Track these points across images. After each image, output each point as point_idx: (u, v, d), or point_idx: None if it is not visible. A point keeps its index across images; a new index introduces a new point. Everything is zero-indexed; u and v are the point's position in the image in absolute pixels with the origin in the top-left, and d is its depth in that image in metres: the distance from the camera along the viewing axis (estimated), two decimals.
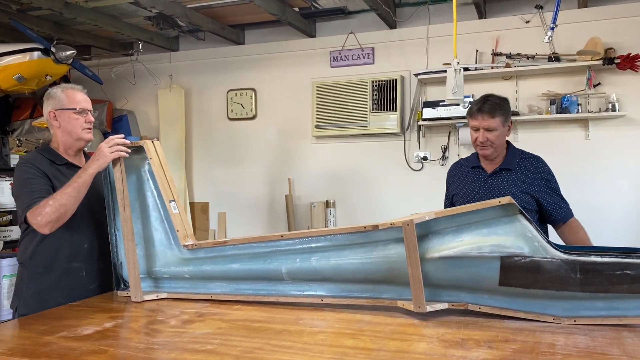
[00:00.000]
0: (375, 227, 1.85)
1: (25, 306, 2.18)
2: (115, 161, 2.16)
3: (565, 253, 1.67)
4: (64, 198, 2.05)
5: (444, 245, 1.78)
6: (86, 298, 2.20)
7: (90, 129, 2.31)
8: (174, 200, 2.21)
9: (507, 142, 2.67)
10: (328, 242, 1.97)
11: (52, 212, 2.04)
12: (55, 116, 2.27)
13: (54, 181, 2.19)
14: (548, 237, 1.90)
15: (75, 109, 2.26)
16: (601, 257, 1.65)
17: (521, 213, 1.73)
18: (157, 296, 2.17)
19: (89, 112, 2.30)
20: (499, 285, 1.72)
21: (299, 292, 2.02)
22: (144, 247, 2.22)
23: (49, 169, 2.21)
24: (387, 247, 1.87)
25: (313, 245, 2.00)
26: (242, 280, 2.10)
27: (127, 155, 2.14)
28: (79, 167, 2.30)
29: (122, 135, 2.17)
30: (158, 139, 5.30)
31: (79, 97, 2.29)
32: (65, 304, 2.10)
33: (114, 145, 2.10)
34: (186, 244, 2.18)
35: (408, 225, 1.73)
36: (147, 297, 2.15)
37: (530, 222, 1.73)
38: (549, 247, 1.68)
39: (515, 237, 1.71)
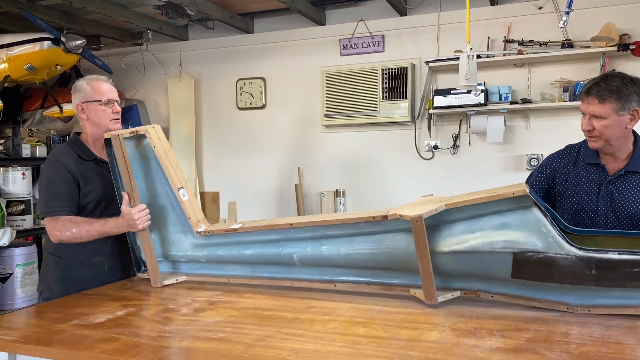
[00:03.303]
0: (384, 217, 1.83)
1: (49, 291, 2.26)
2: (119, 154, 2.15)
3: (580, 249, 1.61)
4: (85, 234, 2.15)
5: (455, 238, 1.74)
6: None
7: (118, 119, 2.32)
8: (182, 187, 2.20)
9: (635, 135, 2.10)
10: (337, 231, 1.96)
11: (69, 237, 2.16)
12: (82, 109, 2.29)
13: (80, 180, 2.23)
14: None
15: (101, 100, 2.28)
16: (619, 254, 1.58)
17: (536, 205, 1.69)
18: (177, 280, 2.22)
19: (115, 103, 2.32)
20: (511, 277, 1.69)
21: (313, 277, 2.02)
22: (158, 233, 2.25)
23: (78, 165, 2.24)
24: (397, 237, 1.85)
25: (323, 233, 1.99)
26: (256, 264, 2.11)
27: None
28: (107, 163, 2.31)
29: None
30: (168, 128, 5.32)
31: (105, 88, 2.31)
32: (78, 292, 2.13)
33: (145, 216, 2.13)
34: (199, 230, 2.18)
35: (417, 221, 1.68)
36: (166, 282, 2.20)
37: (546, 216, 1.66)
38: (564, 243, 1.63)
39: (529, 233, 1.65)
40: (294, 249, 2.02)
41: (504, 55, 4.20)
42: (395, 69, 4.51)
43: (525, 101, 4.15)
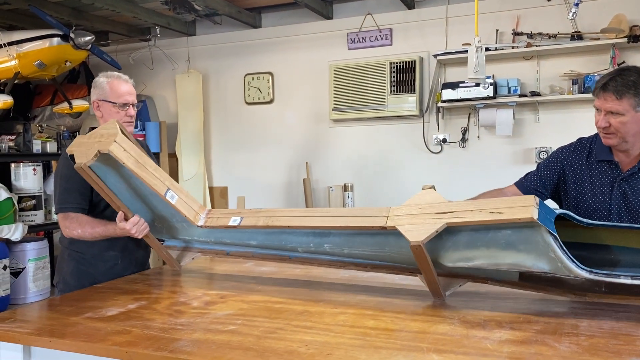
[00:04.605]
0: (383, 228, 1.77)
1: (64, 283, 2.30)
2: (92, 183, 2.08)
3: (590, 273, 1.54)
4: (88, 235, 2.19)
5: (459, 253, 1.69)
6: None
7: (131, 122, 2.31)
8: (168, 190, 2.11)
9: None
10: (339, 230, 1.95)
11: (76, 235, 2.21)
12: (98, 106, 2.30)
13: None
14: None
15: (116, 103, 2.27)
16: (631, 279, 1.51)
17: (544, 226, 1.56)
18: (193, 258, 2.32)
19: (130, 106, 2.30)
20: (518, 280, 1.68)
21: (322, 257, 2.04)
22: (162, 223, 2.26)
23: None
24: (400, 240, 1.82)
25: (324, 230, 1.98)
26: (263, 248, 2.14)
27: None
28: None
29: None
30: (177, 123, 5.34)
31: (123, 90, 2.28)
32: (90, 287, 2.15)
33: (142, 226, 2.14)
34: (199, 224, 2.18)
35: (417, 248, 1.64)
36: (183, 263, 2.31)
37: (556, 239, 1.54)
38: (573, 267, 1.54)
39: (536, 256, 1.56)
40: (297, 243, 2.02)
41: (513, 47, 4.18)
42: (403, 62, 4.50)
43: (534, 94, 4.13)
